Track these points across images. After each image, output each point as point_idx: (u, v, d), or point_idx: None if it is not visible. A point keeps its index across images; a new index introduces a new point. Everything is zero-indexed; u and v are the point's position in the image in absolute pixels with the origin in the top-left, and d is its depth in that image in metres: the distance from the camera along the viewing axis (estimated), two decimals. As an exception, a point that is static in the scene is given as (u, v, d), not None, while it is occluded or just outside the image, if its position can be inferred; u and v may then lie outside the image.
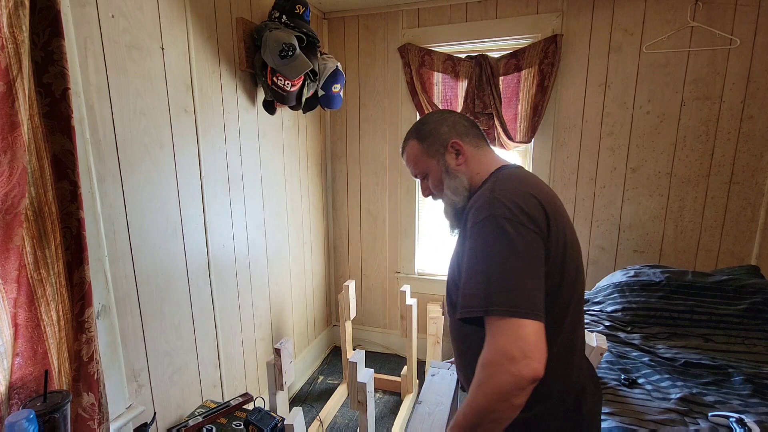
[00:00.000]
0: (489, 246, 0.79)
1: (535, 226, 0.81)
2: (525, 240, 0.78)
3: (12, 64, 0.89)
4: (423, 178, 1.06)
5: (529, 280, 0.77)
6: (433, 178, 1.03)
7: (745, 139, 2.08)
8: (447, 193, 1.00)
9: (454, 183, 0.98)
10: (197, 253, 1.69)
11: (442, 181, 1.00)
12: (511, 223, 0.79)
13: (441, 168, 1.00)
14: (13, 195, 0.91)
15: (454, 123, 1.02)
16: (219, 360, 1.86)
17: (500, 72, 2.32)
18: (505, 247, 0.78)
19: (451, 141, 0.99)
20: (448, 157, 0.99)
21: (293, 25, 1.92)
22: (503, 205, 0.81)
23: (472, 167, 0.99)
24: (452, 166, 0.99)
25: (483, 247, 0.79)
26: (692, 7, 2.02)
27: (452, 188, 0.98)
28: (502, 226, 0.79)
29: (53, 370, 1.03)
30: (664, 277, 1.88)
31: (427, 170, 1.03)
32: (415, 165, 1.05)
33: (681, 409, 1.29)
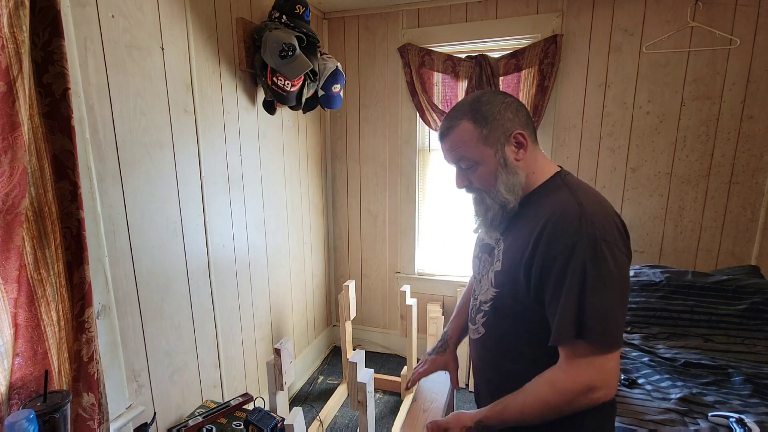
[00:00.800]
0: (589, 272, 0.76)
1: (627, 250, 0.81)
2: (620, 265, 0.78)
3: (12, 64, 0.89)
4: (468, 168, 0.91)
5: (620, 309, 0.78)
6: (484, 170, 0.89)
7: (745, 139, 2.08)
8: (499, 190, 0.89)
9: (511, 179, 0.88)
10: (197, 253, 1.69)
11: (496, 175, 0.88)
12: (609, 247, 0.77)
13: (498, 160, 0.88)
14: (13, 195, 0.91)
15: (517, 110, 0.89)
16: (219, 360, 1.86)
17: (500, 72, 2.32)
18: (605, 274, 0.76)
19: (516, 131, 0.88)
20: (508, 149, 0.88)
21: (293, 25, 1.92)
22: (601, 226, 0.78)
23: (529, 165, 0.90)
24: (511, 160, 0.88)
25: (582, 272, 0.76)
26: (692, 7, 2.02)
27: (508, 185, 0.88)
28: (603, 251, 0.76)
29: (53, 370, 1.03)
30: (664, 277, 1.88)
31: (479, 160, 0.89)
32: (465, 151, 0.89)
33: (681, 409, 1.29)
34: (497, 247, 0.94)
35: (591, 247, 0.76)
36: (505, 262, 0.90)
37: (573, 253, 0.77)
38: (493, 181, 0.89)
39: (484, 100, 0.89)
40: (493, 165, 0.89)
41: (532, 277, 0.82)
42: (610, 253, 0.76)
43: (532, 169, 0.91)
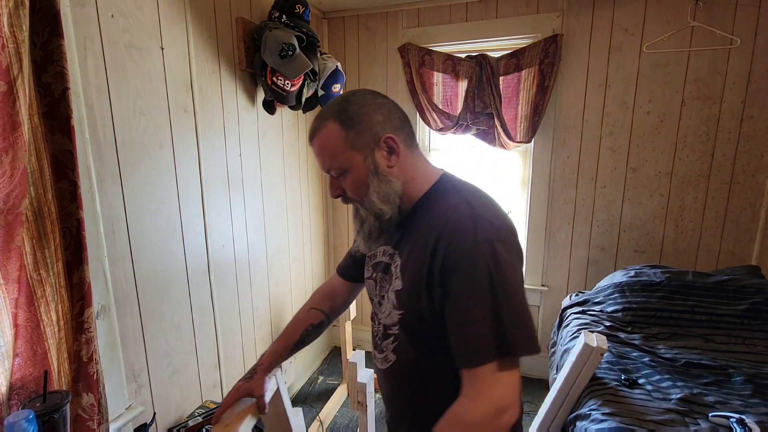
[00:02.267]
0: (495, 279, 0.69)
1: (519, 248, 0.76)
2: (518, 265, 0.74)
3: (13, 64, 0.89)
4: (338, 175, 0.82)
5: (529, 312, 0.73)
6: (354, 177, 0.80)
7: (746, 139, 2.08)
8: (372, 200, 0.80)
9: (384, 188, 0.80)
10: (197, 254, 1.69)
11: (367, 183, 0.80)
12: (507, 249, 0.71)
13: (368, 167, 0.79)
14: (14, 195, 0.91)
15: (389, 113, 0.81)
16: (219, 360, 1.86)
17: (500, 72, 2.31)
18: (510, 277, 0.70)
19: (385, 135, 0.79)
20: (379, 154, 0.79)
21: (293, 24, 1.92)
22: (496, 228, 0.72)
23: (406, 171, 0.82)
24: (383, 166, 0.79)
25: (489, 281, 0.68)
26: (692, 6, 2.02)
27: (381, 194, 0.80)
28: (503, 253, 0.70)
29: (53, 371, 1.03)
30: (665, 278, 1.88)
31: (347, 166, 0.79)
32: (332, 157, 0.80)
33: (681, 410, 1.29)
34: (393, 263, 0.84)
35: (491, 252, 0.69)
36: (405, 280, 0.80)
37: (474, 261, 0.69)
38: (365, 189, 0.80)
39: (352, 100, 0.80)
40: (363, 172, 0.79)
41: (434, 293, 0.74)
42: (509, 254, 0.71)
43: (411, 175, 0.82)
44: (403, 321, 0.81)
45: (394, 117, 0.81)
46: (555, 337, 2.01)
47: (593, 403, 1.37)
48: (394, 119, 0.81)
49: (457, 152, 2.65)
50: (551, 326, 2.47)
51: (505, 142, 2.36)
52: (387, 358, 0.87)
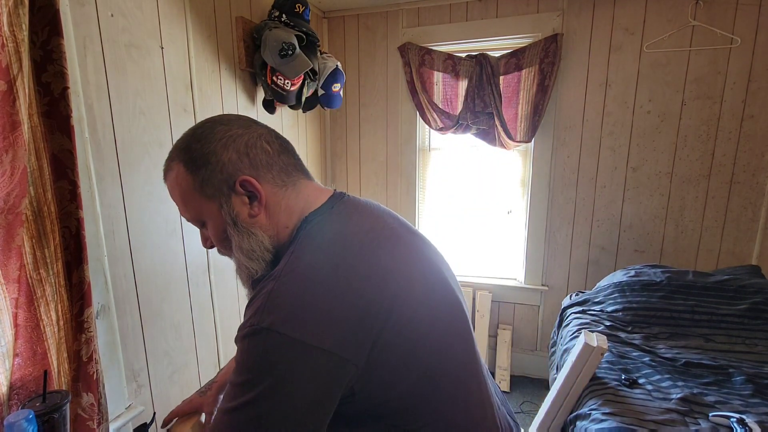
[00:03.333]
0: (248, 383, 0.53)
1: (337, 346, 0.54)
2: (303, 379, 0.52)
3: (12, 63, 0.89)
4: (201, 226, 0.70)
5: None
6: (214, 229, 0.67)
7: (746, 138, 2.08)
8: (237, 256, 0.67)
9: (247, 243, 0.65)
10: (197, 253, 1.69)
11: (226, 237, 0.67)
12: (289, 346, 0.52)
13: (225, 217, 0.65)
14: (14, 195, 0.91)
15: (247, 147, 0.65)
16: (219, 360, 1.86)
17: (500, 71, 2.31)
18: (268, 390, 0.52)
19: (241, 178, 0.64)
20: (237, 201, 0.65)
21: (293, 24, 1.91)
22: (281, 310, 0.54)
23: (278, 218, 0.67)
24: (243, 216, 0.65)
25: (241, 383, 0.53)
26: (693, 6, 2.02)
27: (245, 250, 0.65)
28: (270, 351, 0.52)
29: (52, 371, 1.03)
30: (665, 277, 1.88)
31: (202, 217, 0.67)
32: (184, 204, 0.68)
33: (682, 410, 1.29)
34: None
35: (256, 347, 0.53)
36: None
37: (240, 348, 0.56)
38: (228, 244, 0.67)
39: (197, 135, 0.66)
40: (220, 224, 0.66)
41: None
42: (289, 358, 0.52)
43: (285, 222, 0.67)
44: None
45: (256, 150, 0.65)
46: (555, 336, 2.01)
47: (593, 403, 1.37)
48: (256, 153, 0.65)
49: (457, 152, 2.65)
50: (551, 326, 2.47)
51: (505, 142, 2.36)
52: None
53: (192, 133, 0.67)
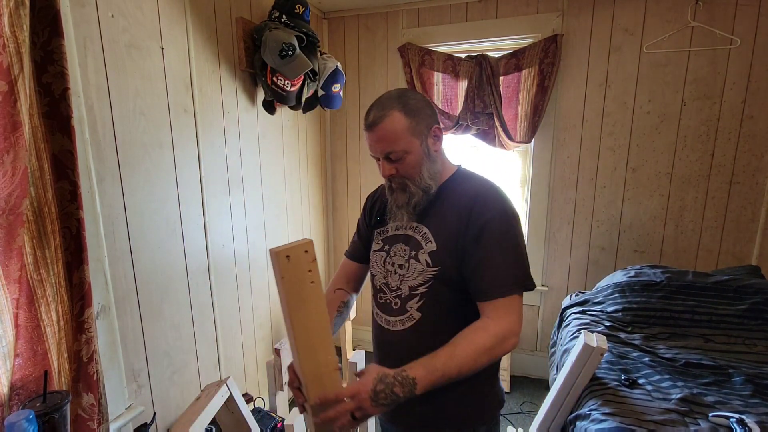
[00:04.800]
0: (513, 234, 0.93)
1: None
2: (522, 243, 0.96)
3: (13, 64, 0.89)
4: (397, 158, 0.95)
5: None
6: (412, 158, 0.95)
7: (746, 139, 2.08)
8: (424, 177, 0.97)
9: (433, 168, 0.99)
10: (197, 253, 1.69)
11: (421, 164, 0.96)
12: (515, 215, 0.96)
13: (423, 150, 0.96)
14: (15, 195, 0.91)
15: (433, 109, 1.01)
16: (219, 360, 1.86)
17: (500, 72, 2.31)
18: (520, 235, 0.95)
19: (435, 126, 0.98)
20: (430, 140, 0.98)
21: (293, 24, 1.92)
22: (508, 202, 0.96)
23: (441, 157, 1.03)
24: (432, 150, 0.98)
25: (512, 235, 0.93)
26: (693, 6, 2.02)
27: (431, 172, 0.98)
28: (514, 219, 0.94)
29: (53, 371, 1.03)
30: (665, 278, 1.88)
31: (408, 149, 0.94)
32: (395, 141, 0.93)
33: (681, 410, 1.29)
34: (417, 234, 1.01)
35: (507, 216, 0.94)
36: (439, 243, 0.97)
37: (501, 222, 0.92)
38: (418, 169, 0.97)
39: (409, 95, 0.97)
40: (419, 154, 0.96)
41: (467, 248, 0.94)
42: (516, 220, 0.95)
43: (442, 161, 1.03)
44: (439, 275, 0.96)
45: (436, 113, 1.01)
46: (555, 337, 2.01)
47: (593, 403, 1.37)
48: (436, 114, 1.00)
49: (457, 152, 2.65)
50: (551, 326, 2.47)
51: (505, 142, 2.36)
52: (411, 317, 1.00)
53: (403, 93, 0.97)
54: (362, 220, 1.21)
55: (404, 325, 1.00)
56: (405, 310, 1.00)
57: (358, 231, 1.22)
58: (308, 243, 0.79)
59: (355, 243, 1.21)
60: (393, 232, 1.06)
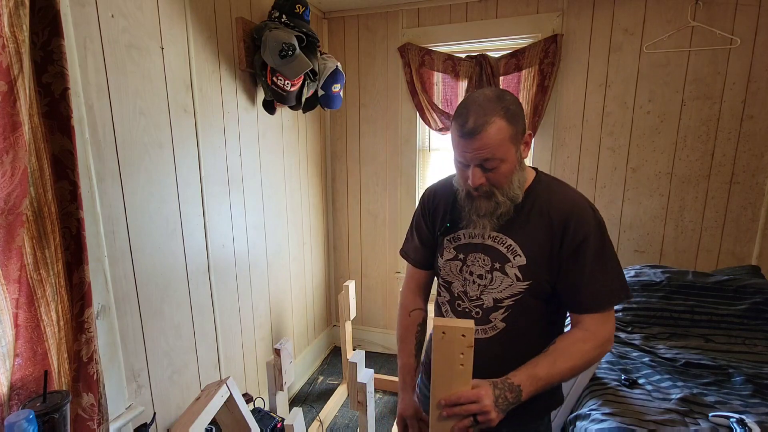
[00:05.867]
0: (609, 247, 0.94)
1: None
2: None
3: (13, 64, 0.89)
4: (493, 167, 0.90)
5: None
6: (507, 167, 0.90)
7: (746, 139, 2.08)
8: (513, 186, 0.93)
9: (522, 176, 0.95)
10: (197, 253, 1.69)
11: (513, 172, 0.92)
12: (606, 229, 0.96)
13: (516, 158, 0.92)
14: (15, 195, 0.91)
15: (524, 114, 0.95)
16: (219, 360, 1.86)
17: (500, 72, 2.31)
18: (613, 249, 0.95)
19: (528, 132, 0.94)
20: (523, 146, 0.93)
21: (293, 24, 1.91)
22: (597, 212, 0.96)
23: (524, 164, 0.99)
24: (522, 158, 0.94)
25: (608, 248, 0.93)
26: (692, 6, 2.02)
27: (520, 181, 0.94)
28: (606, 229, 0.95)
29: (53, 371, 1.03)
30: (665, 278, 1.88)
31: (505, 157, 0.89)
32: (496, 149, 0.88)
33: (681, 410, 1.29)
34: (500, 245, 0.98)
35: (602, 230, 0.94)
36: (529, 256, 0.95)
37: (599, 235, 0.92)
38: (510, 177, 0.93)
39: (508, 99, 0.90)
40: (513, 163, 0.92)
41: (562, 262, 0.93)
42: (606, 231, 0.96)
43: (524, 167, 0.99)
44: (530, 290, 0.95)
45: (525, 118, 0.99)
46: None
47: (593, 403, 1.37)
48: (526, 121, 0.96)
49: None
50: (551, 326, 2.47)
51: (505, 142, 2.35)
52: (494, 327, 1.00)
53: (502, 97, 0.90)
54: (424, 223, 1.13)
55: (486, 334, 1.00)
56: (488, 320, 0.99)
57: (419, 235, 1.14)
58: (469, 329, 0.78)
59: (419, 249, 1.15)
60: (467, 240, 1.01)
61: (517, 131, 0.90)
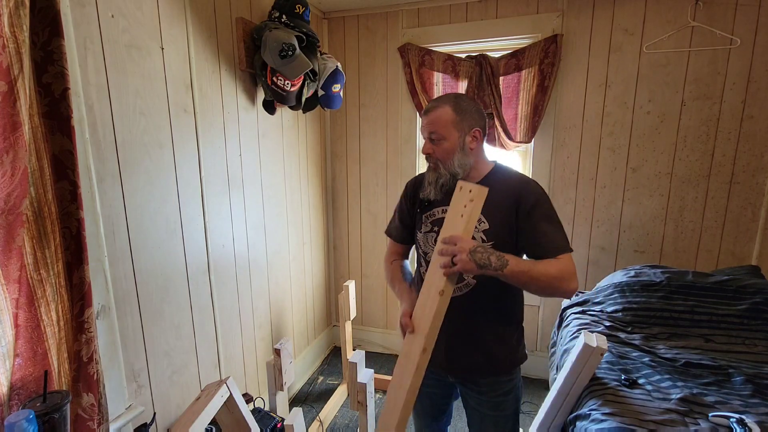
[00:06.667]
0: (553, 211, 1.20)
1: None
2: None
3: (13, 64, 0.89)
4: (436, 140, 1.20)
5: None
6: (446, 146, 1.19)
7: (746, 139, 2.08)
8: (455, 164, 1.20)
9: (465, 160, 1.21)
10: (197, 253, 1.69)
11: (454, 153, 1.19)
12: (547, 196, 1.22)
13: (458, 143, 1.19)
14: (15, 195, 0.91)
15: (480, 116, 1.23)
16: (219, 360, 1.86)
17: (500, 72, 2.31)
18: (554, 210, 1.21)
19: (476, 128, 1.20)
20: (468, 137, 1.19)
21: (293, 24, 1.92)
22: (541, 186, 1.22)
23: (477, 156, 1.24)
24: (468, 146, 1.20)
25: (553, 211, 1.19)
26: (692, 6, 2.02)
27: (462, 163, 1.20)
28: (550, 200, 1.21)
29: (53, 371, 1.03)
30: (665, 278, 1.88)
31: (445, 137, 1.19)
32: (438, 128, 1.19)
33: (681, 410, 1.29)
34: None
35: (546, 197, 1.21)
36: (492, 222, 1.19)
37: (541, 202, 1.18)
38: (451, 155, 1.20)
39: (464, 98, 1.23)
40: (454, 145, 1.19)
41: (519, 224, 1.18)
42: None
43: (478, 160, 1.24)
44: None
45: (483, 121, 1.23)
46: (555, 337, 2.01)
47: (593, 403, 1.37)
48: (482, 122, 1.23)
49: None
50: (551, 326, 2.47)
51: (505, 142, 2.36)
52: (467, 284, 1.23)
53: (460, 96, 1.24)
54: (404, 204, 1.40)
55: (461, 291, 1.23)
56: (462, 278, 1.22)
57: (400, 215, 1.42)
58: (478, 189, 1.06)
59: (398, 228, 1.43)
60: (441, 215, 1.25)
61: (462, 121, 1.18)
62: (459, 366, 1.30)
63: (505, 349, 1.28)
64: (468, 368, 1.30)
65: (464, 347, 1.27)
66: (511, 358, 1.30)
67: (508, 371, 1.30)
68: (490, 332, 1.26)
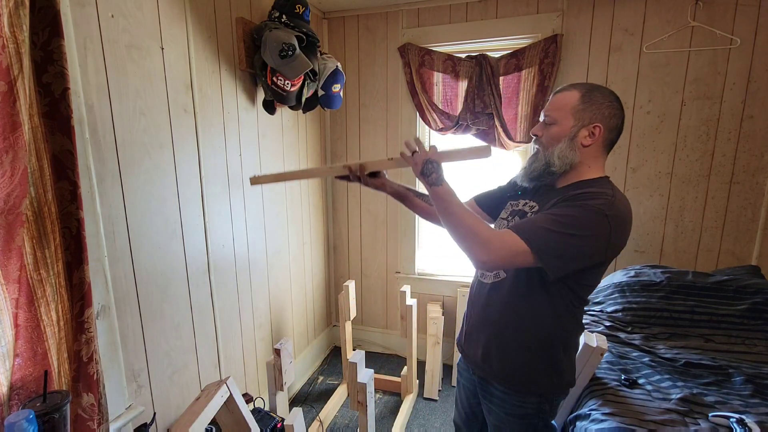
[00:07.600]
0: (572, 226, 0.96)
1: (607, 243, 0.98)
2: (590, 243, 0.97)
3: (13, 64, 0.89)
4: (548, 123, 1.08)
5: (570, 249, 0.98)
6: (556, 132, 1.06)
7: (746, 139, 2.08)
8: (554, 153, 1.06)
9: (569, 153, 1.05)
10: (197, 254, 1.69)
11: (560, 141, 1.05)
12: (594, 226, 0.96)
13: (569, 132, 1.04)
14: (15, 195, 0.91)
15: (611, 116, 1.04)
16: (219, 360, 1.86)
17: (500, 72, 2.31)
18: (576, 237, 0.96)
19: (596, 124, 1.03)
20: (584, 131, 1.04)
21: (293, 24, 1.91)
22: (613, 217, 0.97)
23: (588, 157, 1.06)
24: (578, 140, 1.04)
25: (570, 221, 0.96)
26: (692, 6, 2.02)
27: (562, 155, 1.05)
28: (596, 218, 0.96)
29: (53, 371, 1.03)
30: (665, 278, 1.88)
31: (557, 122, 1.06)
32: (554, 111, 1.07)
33: (681, 410, 1.29)
34: (530, 212, 1.13)
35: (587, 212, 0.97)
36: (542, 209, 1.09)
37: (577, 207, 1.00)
38: (554, 144, 1.06)
39: (600, 90, 1.05)
40: (564, 133, 1.05)
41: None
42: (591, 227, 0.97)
43: (589, 163, 1.07)
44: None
45: (614, 122, 1.05)
46: (555, 337, 2.01)
47: (593, 403, 1.37)
48: (612, 124, 1.05)
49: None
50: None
51: (505, 142, 2.36)
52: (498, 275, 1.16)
53: (597, 87, 1.06)
54: (504, 184, 1.34)
55: (490, 280, 1.18)
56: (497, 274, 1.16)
57: (492, 191, 1.37)
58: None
59: (487, 195, 1.38)
60: (520, 207, 1.18)
61: (584, 111, 1.03)
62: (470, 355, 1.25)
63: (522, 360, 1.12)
64: (474, 360, 1.22)
65: (477, 335, 1.21)
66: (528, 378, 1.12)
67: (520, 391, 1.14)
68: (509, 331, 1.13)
